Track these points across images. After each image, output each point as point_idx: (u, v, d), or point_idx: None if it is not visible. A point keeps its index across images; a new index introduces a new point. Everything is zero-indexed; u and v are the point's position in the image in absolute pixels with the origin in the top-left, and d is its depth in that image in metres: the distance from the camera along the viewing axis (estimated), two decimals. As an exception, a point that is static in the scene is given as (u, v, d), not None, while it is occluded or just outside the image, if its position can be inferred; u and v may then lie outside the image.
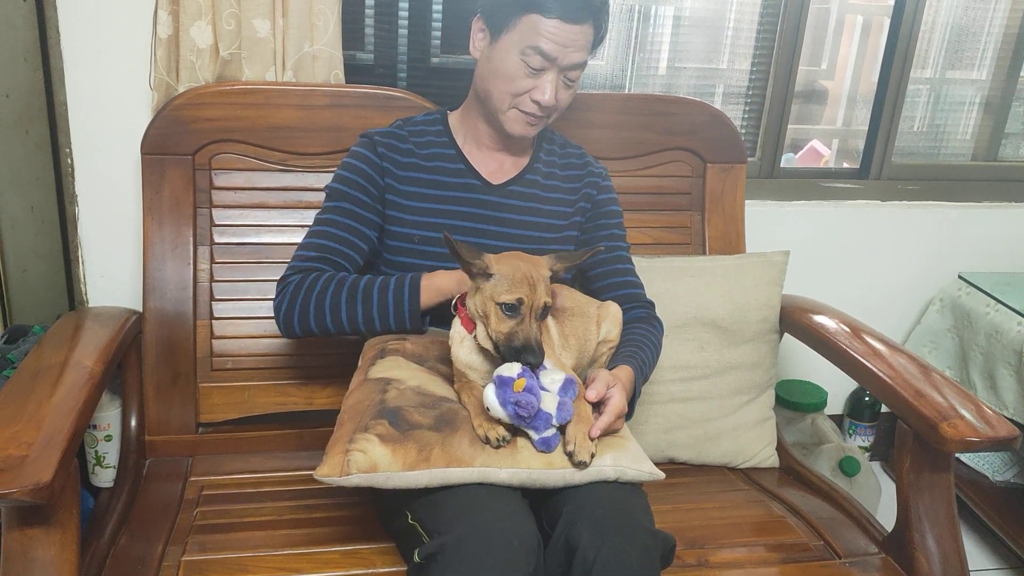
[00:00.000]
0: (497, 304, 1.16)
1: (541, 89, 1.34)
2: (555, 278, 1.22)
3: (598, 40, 1.38)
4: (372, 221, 1.41)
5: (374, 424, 1.18)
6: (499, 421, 1.16)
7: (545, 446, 1.17)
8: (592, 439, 1.18)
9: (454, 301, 1.27)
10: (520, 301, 1.15)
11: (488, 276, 1.17)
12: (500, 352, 1.17)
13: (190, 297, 1.57)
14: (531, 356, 1.14)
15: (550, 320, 1.32)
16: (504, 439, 1.16)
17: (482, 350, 1.22)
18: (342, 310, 1.33)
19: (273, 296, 1.37)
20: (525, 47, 1.32)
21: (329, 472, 1.15)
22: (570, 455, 1.17)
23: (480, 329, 1.20)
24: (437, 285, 1.34)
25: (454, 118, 1.50)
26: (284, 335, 1.39)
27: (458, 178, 1.45)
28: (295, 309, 1.34)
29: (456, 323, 1.25)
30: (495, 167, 1.48)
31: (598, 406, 1.22)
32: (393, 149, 1.44)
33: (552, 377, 1.17)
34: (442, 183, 1.44)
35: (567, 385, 1.17)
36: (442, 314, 1.33)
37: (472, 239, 1.41)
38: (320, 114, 1.61)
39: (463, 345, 1.24)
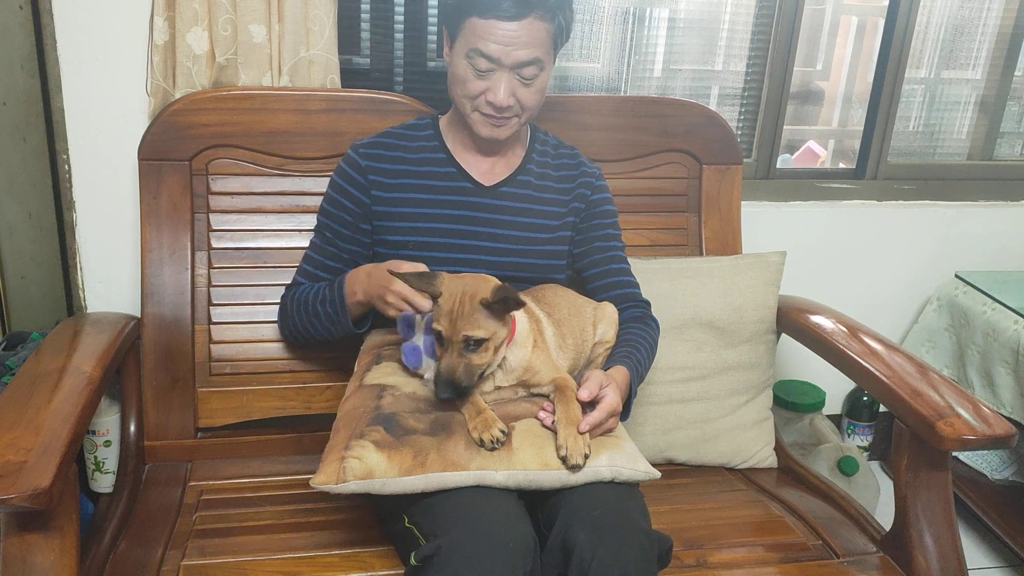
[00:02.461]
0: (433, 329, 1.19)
1: (493, 90, 1.34)
2: (496, 311, 1.17)
3: (557, 33, 1.34)
4: (355, 239, 1.45)
5: (369, 431, 1.19)
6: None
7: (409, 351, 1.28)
8: (582, 433, 1.19)
9: None
10: (439, 334, 1.17)
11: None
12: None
13: (188, 302, 1.57)
14: (442, 391, 1.16)
15: (547, 322, 1.32)
16: (498, 441, 1.17)
17: None
18: (308, 329, 1.45)
19: (271, 301, 1.40)
20: (469, 50, 1.32)
21: (325, 480, 1.15)
22: (563, 460, 1.17)
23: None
24: (354, 292, 1.37)
25: (444, 122, 1.50)
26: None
27: (450, 181, 1.45)
28: (287, 331, 1.52)
29: None
30: (487, 169, 1.48)
31: (592, 406, 1.23)
32: (380, 160, 1.44)
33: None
34: (434, 187, 1.44)
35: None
36: None
37: (465, 241, 1.42)
38: (316, 119, 1.62)
39: None
